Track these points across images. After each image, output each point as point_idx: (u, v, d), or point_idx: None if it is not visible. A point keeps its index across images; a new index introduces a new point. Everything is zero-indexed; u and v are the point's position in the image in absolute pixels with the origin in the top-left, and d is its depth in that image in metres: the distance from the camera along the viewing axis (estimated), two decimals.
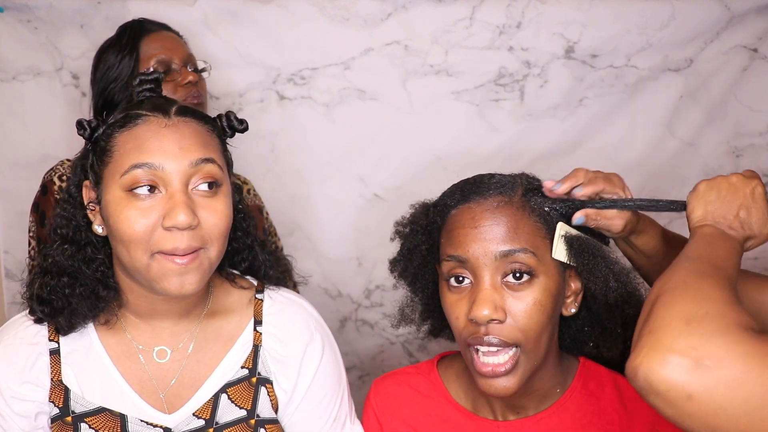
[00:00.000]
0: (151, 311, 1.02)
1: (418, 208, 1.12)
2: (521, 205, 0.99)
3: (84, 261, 1.00)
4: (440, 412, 1.10)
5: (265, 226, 1.80)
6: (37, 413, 1.00)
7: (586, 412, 1.05)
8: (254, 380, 1.04)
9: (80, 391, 1.01)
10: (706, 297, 0.68)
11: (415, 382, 1.14)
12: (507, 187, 1.01)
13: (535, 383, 1.03)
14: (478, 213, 0.99)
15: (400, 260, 1.12)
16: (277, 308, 1.09)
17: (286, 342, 1.06)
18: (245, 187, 1.79)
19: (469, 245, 0.97)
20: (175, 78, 1.56)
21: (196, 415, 1.02)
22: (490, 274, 0.96)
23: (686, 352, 0.62)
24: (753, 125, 1.83)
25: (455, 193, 1.04)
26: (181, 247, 0.91)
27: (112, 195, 0.93)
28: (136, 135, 0.93)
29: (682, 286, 0.71)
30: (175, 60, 1.57)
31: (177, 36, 1.64)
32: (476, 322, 0.95)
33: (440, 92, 1.85)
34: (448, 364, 1.15)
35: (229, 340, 1.06)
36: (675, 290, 0.71)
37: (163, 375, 1.03)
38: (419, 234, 1.09)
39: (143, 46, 1.56)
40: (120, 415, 1.01)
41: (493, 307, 0.94)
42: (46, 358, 1.02)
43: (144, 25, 1.60)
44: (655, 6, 1.74)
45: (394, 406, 1.13)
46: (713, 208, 0.91)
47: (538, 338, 0.97)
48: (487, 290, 0.95)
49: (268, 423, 1.04)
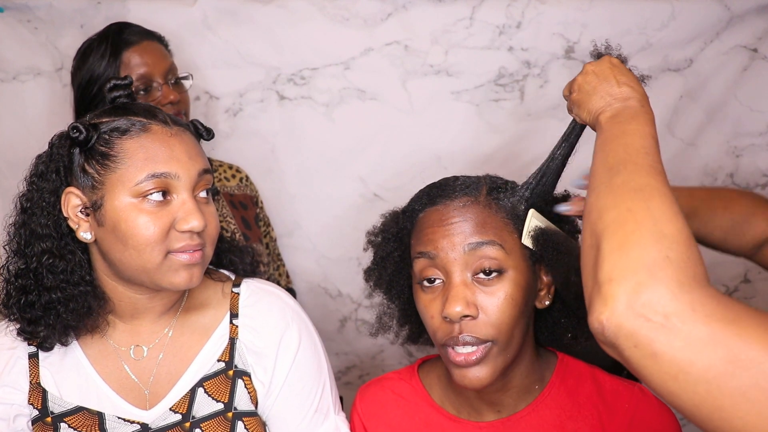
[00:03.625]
0: (131, 311, 1.04)
1: (389, 217, 1.14)
2: (487, 204, 1.01)
3: (70, 272, 0.99)
4: (424, 417, 1.11)
5: (259, 216, 1.81)
6: (16, 416, 1.02)
7: (565, 408, 1.06)
8: (231, 373, 1.05)
9: (58, 392, 1.02)
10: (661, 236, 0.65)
11: (398, 387, 1.15)
12: (472, 187, 1.04)
13: (512, 379, 1.04)
14: (445, 213, 1.01)
15: (374, 269, 1.14)
16: (253, 300, 1.10)
17: (262, 333, 1.07)
18: (238, 176, 1.80)
19: (438, 241, 0.99)
20: (156, 96, 1.56)
21: (172, 409, 1.03)
22: (459, 270, 0.98)
23: (654, 308, 0.60)
24: (753, 125, 1.83)
25: (422, 197, 1.07)
26: (192, 244, 0.97)
27: (120, 201, 0.95)
28: (143, 144, 0.96)
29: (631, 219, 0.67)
30: (156, 77, 1.57)
31: (159, 44, 1.63)
32: (450, 320, 0.97)
33: (440, 92, 1.85)
34: (430, 368, 1.17)
35: (204, 333, 1.07)
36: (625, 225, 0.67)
37: (141, 372, 1.05)
38: (391, 241, 1.11)
39: (124, 60, 1.56)
40: (97, 413, 1.02)
41: (465, 304, 0.96)
42: (25, 361, 1.03)
43: (125, 36, 1.58)
44: (655, 6, 1.74)
45: (379, 412, 1.14)
46: (596, 95, 0.91)
47: (510, 332, 0.98)
48: (458, 287, 0.97)
49: (246, 416, 1.05)
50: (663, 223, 0.66)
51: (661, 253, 0.63)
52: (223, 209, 1.71)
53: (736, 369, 0.57)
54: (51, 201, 0.99)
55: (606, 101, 0.90)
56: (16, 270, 1.00)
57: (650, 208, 0.68)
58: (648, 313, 0.60)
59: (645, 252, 0.64)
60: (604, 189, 0.74)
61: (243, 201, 1.78)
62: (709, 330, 0.58)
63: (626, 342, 0.61)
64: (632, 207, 0.69)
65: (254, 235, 1.76)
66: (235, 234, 1.68)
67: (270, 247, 1.84)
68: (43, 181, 1.00)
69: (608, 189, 0.73)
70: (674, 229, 0.66)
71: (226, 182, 1.77)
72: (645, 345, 0.60)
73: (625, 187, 0.72)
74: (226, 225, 1.69)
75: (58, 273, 0.98)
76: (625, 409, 1.04)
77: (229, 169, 1.79)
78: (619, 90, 0.90)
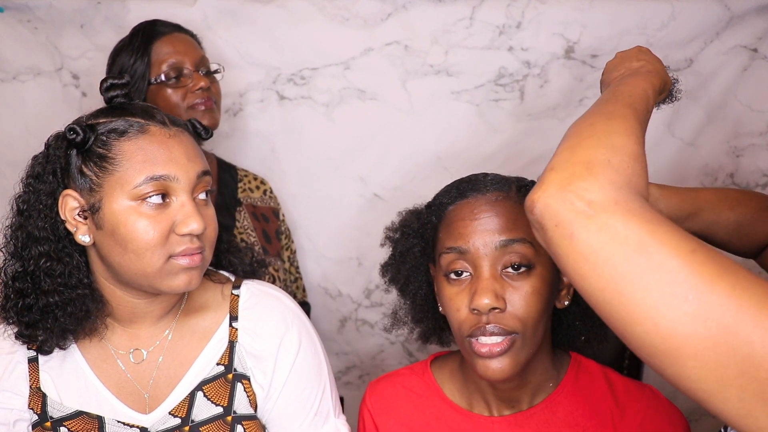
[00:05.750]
0: (130, 315, 1.03)
1: (407, 214, 1.14)
2: (518, 200, 1.01)
3: (67, 275, 0.98)
4: (435, 411, 1.11)
5: (281, 229, 1.79)
6: (16, 420, 1.01)
7: (578, 406, 1.07)
8: (230, 376, 1.05)
9: (58, 396, 1.02)
10: (610, 145, 0.70)
11: (409, 382, 1.15)
12: (502, 183, 1.04)
13: (529, 375, 1.05)
14: (477, 206, 1.01)
15: (392, 264, 1.14)
16: (252, 302, 1.09)
17: (261, 336, 1.06)
18: (262, 188, 1.78)
19: (469, 236, 0.99)
20: (186, 83, 1.55)
21: (172, 413, 1.03)
22: (489, 265, 0.98)
23: (581, 195, 0.65)
24: (753, 125, 1.83)
25: (451, 191, 1.06)
26: (192, 247, 0.96)
27: (119, 204, 0.93)
28: (141, 145, 0.94)
29: (589, 129, 0.74)
30: (186, 64, 1.56)
31: (190, 37, 1.62)
32: (478, 312, 0.97)
33: (440, 92, 1.85)
34: (442, 363, 1.17)
35: (203, 337, 1.06)
36: (582, 133, 0.73)
37: (140, 376, 1.04)
38: (411, 237, 1.11)
39: (155, 50, 1.55)
40: (97, 417, 1.02)
41: (494, 297, 0.96)
42: (25, 366, 1.02)
43: (156, 27, 1.58)
44: (655, 6, 1.74)
45: (389, 407, 1.14)
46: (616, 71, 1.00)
47: (535, 326, 0.99)
48: (487, 280, 0.97)
49: (246, 419, 1.04)
50: (616, 137, 0.72)
51: (604, 156, 0.68)
52: (245, 221, 1.68)
53: (641, 259, 0.60)
54: (48, 203, 0.97)
55: (621, 72, 0.98)
56: (14, 273, 0.98)
57: (610, 124, 0.74)
58: (574, 199, 0.65)
59: (589, 152, 0.69)
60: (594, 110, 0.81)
61: (265, 213, 1.76)
62: (625, 222, 0.62)
63: (550, 221, 0.66)
64: (595, 122, 0.75)
65: (273, 249, 1.74)
66: (254, 246, 1.66)
67: (290, 260, 1.83)
68: (39, 182, 0.98)
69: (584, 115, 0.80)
70: (625, 143, 0.71)
71: (250, 193, 1.74)
72: (565, 225, 0.65)
73: (598, 111, 0.79)
74: (246, 237, 1.66)
75: (55, 276, 0.97)
76: (636, 410, 1.04)
77: (254, 180, 1.77)
78: (637, 63, 0.99)
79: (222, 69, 1.64)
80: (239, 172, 1.76)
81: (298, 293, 1.85)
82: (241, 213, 1.69)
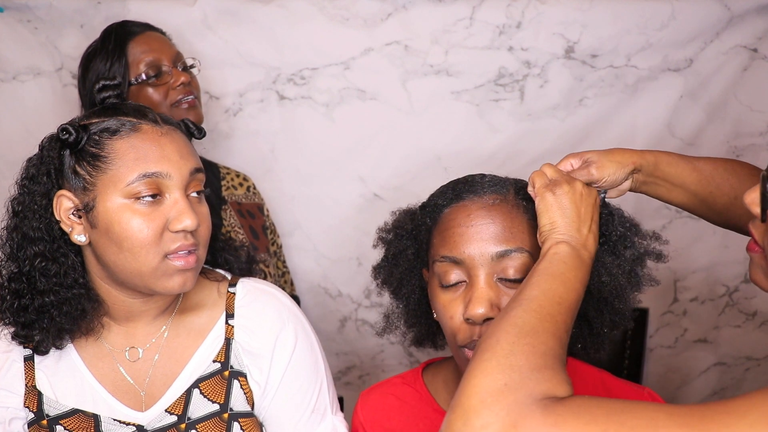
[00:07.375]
0: (126, 314, 1.03)
1: (401, 214, 1.11)
2: (515, 204, 0.98)
3: (63, 275, 0.98)
4: (428, 422, 1.09)
5: (266, 224, 1.80)
6: (12, 419, 1.01)
7: None
8: (227, 374, 1.05)
9: (53, 395, 1.02)
10: (508, 366, 0.71)
11: (401, 392, 1.13)
12: (500, 186, 1.00)
13: None
14: (473, 210, 0.97)
15: (384, 266, 1.11)
16: (249, 299, 1.09)
17: (257, 333, 1.06)
18: (245, 185, 1.78)
19: (464, 246, 0.96)
20: (167, 80, 1.54)
21: (168, 411, 1.03)
22: (485, 274, 0.95)
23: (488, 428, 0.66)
24: (753, 125, 1.83)
25: (446, 192, 1.03)
26: (186, 243, 0.96)
27: (112, 202, 0.94)
28: (134, 144, 0.95)
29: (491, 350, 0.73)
30: (164, 61, 1.55)
31: (162, 35, 1.62)
32: (472, 322, 0.95)
33: (440, 92, 1.85)
34: (435, 371, 1.14)
35: (199, 334, 1.06)
36: (484, 354, 0.73)
37: (136, 374, 1.04)
38: (404, 238, 1.08)
39: (130, 50, 1.54)
40: (93, 416, 1.02)
41: (489, 306, 0.93)
42: (20, 364, 1.03)
43: (128, 28, 1.57)
44: (655, 6, 1.74)
45: (381, 418, 1.12)
46: (568, 220, 0.90)
47: None
48: (482, 289, 0.94)
49: (243, 417, 1.04)
50: (516, 358, 0.72)
51: (501, 381, 0.69)
52: (232, 219, 1.68)
53: None
54: (43, 204, 0.97)
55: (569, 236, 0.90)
56: (9, 274, 0.99)
57: (514, 344, 0.73)
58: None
59: (486, 380, 0.70)
60: (503, 312, 0.79)
61: (251, 210, 1.76)
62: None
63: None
64: (501, 338, 0.75)
65: (262, 245, 1.74)
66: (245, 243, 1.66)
67: (276, 254, 1.83)
68: (34, 184, 0.98)
69: (504, 313, 0.79)
70: (525, 362, 0.71)
71: (234, 191, 1.74)
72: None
73: (508, 321, 0.77)
74: (234, 235, 1.66)
75: (51, 276, 0.97)
76: None
77: (237, 177, 1.77)
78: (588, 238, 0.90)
79: (198, 63, 1.64)
80: (221, 170, 1.75)
81: (286, 287, 1.85)
82: (227, 211, 1.69)
